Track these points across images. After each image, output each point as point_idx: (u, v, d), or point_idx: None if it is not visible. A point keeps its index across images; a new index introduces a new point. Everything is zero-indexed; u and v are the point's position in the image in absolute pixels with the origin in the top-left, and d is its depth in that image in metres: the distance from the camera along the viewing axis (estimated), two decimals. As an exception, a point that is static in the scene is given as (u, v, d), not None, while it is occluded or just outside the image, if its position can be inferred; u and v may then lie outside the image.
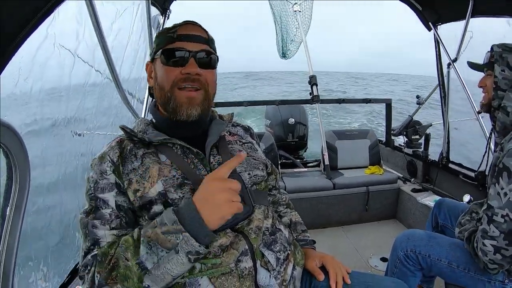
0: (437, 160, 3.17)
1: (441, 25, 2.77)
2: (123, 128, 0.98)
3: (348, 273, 1.11)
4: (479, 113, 2.50)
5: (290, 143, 4.51)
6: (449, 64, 2.79)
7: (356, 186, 3.15)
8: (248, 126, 1.24)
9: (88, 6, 1.43)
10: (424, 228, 1.95)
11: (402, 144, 3.62)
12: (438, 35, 2.80)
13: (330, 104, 5.22)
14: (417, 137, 3.48)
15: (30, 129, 1.60)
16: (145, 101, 2.65)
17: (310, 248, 1.22)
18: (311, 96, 3.53)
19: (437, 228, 1.88)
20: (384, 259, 2.52)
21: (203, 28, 1.02)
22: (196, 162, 0.98)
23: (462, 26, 2.47)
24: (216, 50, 1.03)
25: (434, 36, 2.85)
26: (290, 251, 1.04)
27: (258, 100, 5.25)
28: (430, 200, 2.83)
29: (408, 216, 3.09)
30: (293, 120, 4.48)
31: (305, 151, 4.91)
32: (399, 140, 3.79)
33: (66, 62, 1.68)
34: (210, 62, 0.99)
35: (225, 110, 1.75)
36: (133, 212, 0.93)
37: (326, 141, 3.42)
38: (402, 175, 3.47)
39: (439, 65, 3.00)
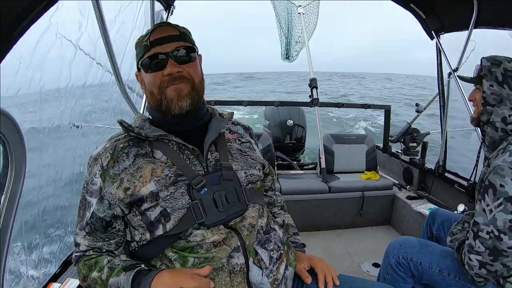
0: (433, 168, 3.18)
1: (443, 34, 2.78)
2: (121, 122, 0.99)
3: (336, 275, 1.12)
4: None
5: (287, 145, 4.50)
6: (449, 73, 2.80)
7: (351, 190, 3.15)
8: (247, 126, 1.25)
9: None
10: (417, 235, 1.96)
11: (399, 151, 3.63)
12: (440, 44, 2.81)
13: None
14: (414, 144, 3.49)
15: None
16: (144, 96, 2.64)
17: (299, 251, 1.23)
18: (311, 99, 3.54)
19: (432, 238, 1.89)
20: (376, 265, 2.52)
21: (174, 25, 1.03)
22: (192, 158, 0.98)
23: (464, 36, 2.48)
24: (192, 41, 1.04)
25: (436, 45, 2.86)
26: (283, 251, 1.05)
27: (258, 100, 5.24)
28: (424, 208, 2.84)
29: (402, 223, 3.09)
30: (291, 122, 4.47)
31: (302, 154, 4.90)
32: (397, 147, 3.80)
33: (67, 54, 1.67)
34: (187, 56, 1.00)
35: (224, 109, 1.75)
36: (105, 220, 0.97)
37: (323, 144, 3.43)
38: (398, 182, 3.48)
39: (440, 74, 3.01)
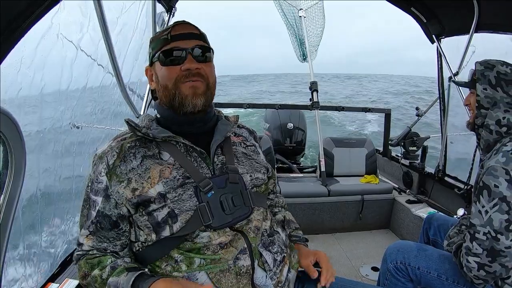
0: (433, 172, 3.18)
1: (444, 38, 2.79)
2: (128, 121, 0.99)
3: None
4: None
5: (287, 148, 4.51)
6: (450, 77, 2.80)
7: (351, 194, 3.15)
8: (252, 129, 1.26)
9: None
10: (416, 239, 1.96)
11: (399, 155, 3.63)
12: (441, 48, 2.82)
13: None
14: (414, 148, 3.49)
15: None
16: (145, 97, 2.65)
17: (302, 245, 1.23)
18: (311, 102, 3.54)
19: (428, 243, 1.89)
20: (375, 269, 2.51)
21: (194, 25, 1.04)
22: (199, 161, 0.99)
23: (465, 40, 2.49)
24: (209, 43, 1.06)
25: (436, 49, 2.87)
26: (286, 254, 1.06)
27: (258, 103, 5.25)
28: (424, 212, 2.83)
29: (401, 227, 3.09)
30: (291, 125, 4.48)
31: (302, 157, 4.90)
32: (397, 150, 3.80)
33: (68, 54, 1.68)
34: (206, 56, 1.01)
35: (224, 111, 1.75)
36: (111, 219, 0.96)
37: (323, 147, 3.43)
38: (397, 186, 3.47)
39: (440, 78, 3.01)
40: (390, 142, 3.71)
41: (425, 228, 1.93)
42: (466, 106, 1.50)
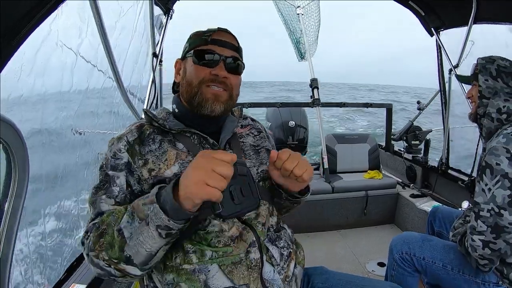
0: (436, 166, 3.17)
1: (443, 30, 2.78)
2: (146, 111, 1.03)
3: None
4: None
5: (290, 146, 4.49)
6: (450, 70, 2.80)
7: (355, 190, 3.15)
8: (253, 118, 1.29)
9: (91, 4, 1.43)
10: (422, 233, 1.96)
11: (402, 149, 3.63)
12: (440, 41, 2.81)
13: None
14: (417, 142, 3.48)
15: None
16: (146, 100, 2.65)
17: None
18: (312, 99, 3.54)
19: (433, 235, 1.90)
20: (381, 264, 2.51)
21: (235, 37, 1.09)
22: None
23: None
24: (243, 58, 1.10)
25: (436, 41, 2.86)
26: (292, 249, 1.07)
27: (259, 102, 5.25)
28: (428, 205, 2.83)
29: (406, 221, 3.09)
30: (293, 122, 4.46)
31: (304, 154, 4.89)
32: (399, 145, 3.79)
33: (68, 60, 1.68)
34: (237, 68, 1.06)
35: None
36: (138, 192, 0.95)
37: (326, 144, 3.42)
38: (401, 180, 3.47)
39: (441, 71, 3.00)
40: (392, 137, 3.70)
41: (430, 220, 1.96)
42: (468, 99, 1.59)
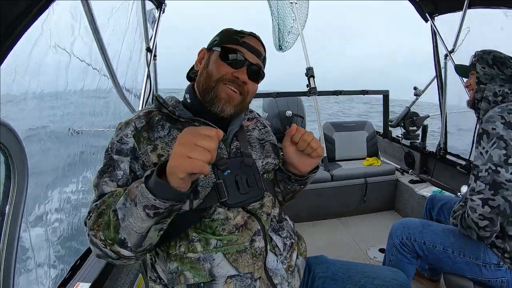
0: (434, 151, 3.19)
1: (438, 16, 2.76)
2: (157, 97, 1.05)
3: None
4: None
5: (287, 136, 4.49)
6: (446, 55, 2.79)
7: (354, 177, 3.17)
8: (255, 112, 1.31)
9: (83, 2, 1.41)
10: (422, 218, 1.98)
11: (400, 135, 3.64)
12: (435, 26, 2.80)
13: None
14: (414, 128, 3.49)
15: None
16: (141, 95, 2.65)
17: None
18: (308, 88, 3.53)
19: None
20: (382, 250, 2.54)
21: (264, 46, 1.11)
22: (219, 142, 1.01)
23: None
24: (264, 68, 1.12)
25: (431, 27, 2.85)
26: (294, 240, 1.10)
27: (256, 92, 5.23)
28: (428, 191, 2.86)
29: (406, 207, 3.11)
30: (290, 112, 4.45)
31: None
32: (397, 131, 3.80)
33: (62, 58, 1.67)
34: (257, 76, 1.07)
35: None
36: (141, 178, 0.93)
37: (323, 133, 3.43)
38: (400, 167, 3.49)
39: (436, 56, 2.99)
40: (390, 123, 3.70)
41: (428, 208, 1.98)
42: (467, 88, 1.67)
